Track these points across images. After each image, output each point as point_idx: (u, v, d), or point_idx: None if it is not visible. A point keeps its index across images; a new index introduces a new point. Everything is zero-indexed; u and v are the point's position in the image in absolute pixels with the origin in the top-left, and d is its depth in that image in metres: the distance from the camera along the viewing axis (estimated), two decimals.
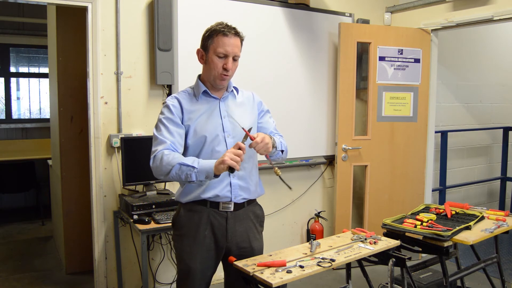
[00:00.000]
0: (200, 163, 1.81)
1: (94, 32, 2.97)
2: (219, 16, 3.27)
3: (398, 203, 3.94)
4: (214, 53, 1.93)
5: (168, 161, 1.82)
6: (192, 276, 1.96)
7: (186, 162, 1.80)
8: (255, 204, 2.11)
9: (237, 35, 1.95)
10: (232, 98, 2.07)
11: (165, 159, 1.83)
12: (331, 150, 3.97)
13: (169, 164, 1.82)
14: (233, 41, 1.93)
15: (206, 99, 2.01)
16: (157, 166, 1.86)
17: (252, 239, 2.05)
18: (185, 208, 2.01)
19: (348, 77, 3.79)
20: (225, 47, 1.91)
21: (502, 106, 5.42)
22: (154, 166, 1.88)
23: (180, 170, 1.81)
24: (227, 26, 1.94)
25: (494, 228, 2.42)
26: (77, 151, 3.61)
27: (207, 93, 2.01)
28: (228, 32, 1.92)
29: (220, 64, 1.93)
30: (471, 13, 3.57)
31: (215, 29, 1.93)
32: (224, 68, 1.93)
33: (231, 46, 1.92)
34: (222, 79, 1.96)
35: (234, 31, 1.94)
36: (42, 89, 6.18)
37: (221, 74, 1.94)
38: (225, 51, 1.91)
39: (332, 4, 3.94)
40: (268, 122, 2.16)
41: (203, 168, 1.79)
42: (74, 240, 3.67)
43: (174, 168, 1.81)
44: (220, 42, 1.91)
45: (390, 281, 2.17)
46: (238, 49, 1.96)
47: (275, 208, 3.82)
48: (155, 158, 1.87)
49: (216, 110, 2.00)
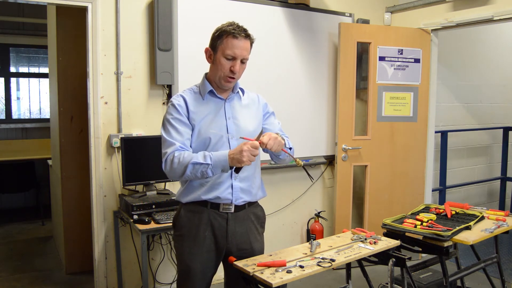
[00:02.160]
0: (213, 158, 1.80)
1: (94, 32, 2.97)
2: (219, 16, 3.27)
3: (398, 203, 3.94)
4: (222, 54, 1.90)
5: (180, 163, 1.82)
6: (192, 277, 1.96)
7: (199, 161, 1.80)
8: (256, 206, 2.10)
9: (247, 38, 1.92)
10: (237, 100, 2.05)
11: (176, 162, 1.83)
12: (331, 150, 3.97)
13: (182, 166, 1.81)
14: (243, 44, 1.90)
15: (212, 99, 2.00)
16: (170, 170, 1.86)
17: (253, 240, 2.04)
18: (186, 209, 2.00)
19: (348, 77, 3.79)
20: (233, 50, 1.88)
21: (502, 106, 5.42)
22: (167, 170, 1.88)
23: (194, 169, 1.80)
24: (238, 28, 1.91)
25: (494, 228, 2.42)
26: (77, 151, 3.61)
27: (213, 93, 1.99)
28: (238, 34, 1.89)
29: (228, 66, 1.91)
30: (471, 13, 3.57)
31: (225, 30, 1.90)
32: (231, 70, 1.91)
33: (240, 49, 1.89)
34: (228, 81, 1.95)
35: (244, 33, 1.91)
36: (42, 89, 6.18)
37: (227, 76, 1.92)
38: (234, 53, 1.89)
39: (332, 4, 3.94)
40: (273, 124, 2.14)
41: (217, 163, 1.79)
42: (74, 240, 3.67)
43: (188, 169, 1.80)
44: (229, 44, 1.88)
45: (390, 281, 2.17)
46: (247, 52, 1.93)
47: (275, 208, 3.82)
48: (167, 161, 1.87)
49: (221, 110, 1.99)
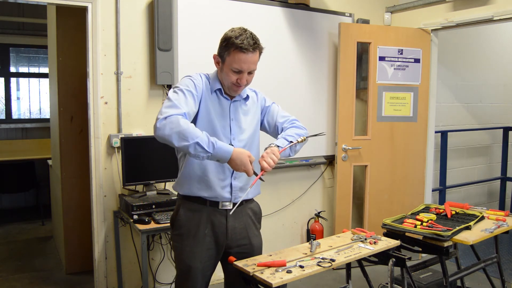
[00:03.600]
0: (215, 149, 1.70)
1: (94, 32, 2.97)
2: (219, 16, 3.29)
3: (398, 203, 3.94)
4: (229, 66, 1.87)
5: (185, 133, 1.66)
6: (193, 276, 1.96)
7: (202, 144, 1.68)
8: (252, 201, 2.11)
9: (256, 49, 1.85)
10: (242, 103, 2.03)
11: (181, 130, 1.66)
12: (331, 150, 3.97)
13: (185, 138, 1.66)
14: (250, 58, 1.84)
15: (220, 97, 1.98)
16: (167, 130, 1.67)
17: (251, 235, 2.05)
18: (185, 208, 2.00)
19: (348, 77, 3.79)
20: (240, 64, 1.83)
21: (502, 106, 5.42)
22: (161, 131, 1.68)
23: (193, 148, 1.67)
24: (247, 40, 1.82)
25: (494, 228, 2.42)
26: (77, 151, 3.61)
27: (220, 91, 1.98)
28: (246, 49, 1.81)
29: (234, 78, 1.88)
30: (471, 13, 3.57)
31: (233, 43, 1.82)
32: (238, 82, 1.89)
33: (247, 64, 1.84)
34: (235, 91, 1.94)
35: (252, 47, 1.82)
36: (42, 89, 6.18)
37: (234, 85, 1.90)
38: (241, 67, 1.84)
39: (332, 4, 3.94)
40: (274, 113, 2.09)
41: (218, 155, 1.72)
42: (74, 240, 3.67)
43: (190, 146, 1.67)
44: (236, 58, 1.83)
45: (390, 281, 2.17)
46: (255, 64, 1.88)
47: (275, 208, 3.82)
48: (167, 121, 1.67)
49: (226, 110, 1.97)
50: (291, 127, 2.05)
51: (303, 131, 2.05)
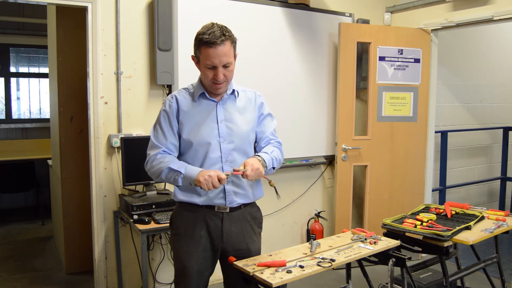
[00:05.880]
0: (186, 170, 1.83)
1: (94, 32, 2.97)
2: (219, 16, 3.28)
3: (398, 203, 3.94)
4: (203, 63, 1.84)
5: (159, 165, 1.87)
6: (189, 276, 1.96)
7: (173, 167, 1.84)
8: (253, 206, 2.07)
9: (226, 41, 1.79)
10: (231, 102, 1.99)
11: (155, 164, 1.89)
12: (331, 150, 3.97)
13: (160, 168, 1.87)
14: (220, 51, 1.78)
15: (204, 102, 1.95)
16: (149, 170, 1.93)
17: (249, 240, 2.02)
18: (182, 208, 2.00)
19: (348, 77, 3.79)
20: (211, 59, 1.79)
21: (502, 106, 5.42)
22: (147, 169, 1.95)
23: (169, 174, 1.86)
24: (213, 34, 1.77)
25: (494, 228, 2.42)
26: (77, 151, 3.61)
27: (204, 95, 1.95)
28: (213, 43, 1.76)
29: (210, 74, 1.84)
30: (471, 13, 3.57)
31: (200, 39, 1.80)
32: (215, 78, 1.85)
33: (218, 57, 1.79)
34: (216, 88, 1.90)
35: (220, 39, 1.77)
36: (42, 89, 6.18)
37: (213, 83, 1.87)
38: (212, 63, 1.80)
39: (332, 4, 3.94)
40: (266, 126, 2.05)
41: (188, 175, 1.81)
42: (74, 240, 3.67)
43: (164, 172, 1.86)
44: (206, 54, 1.79)
45: (390, 281, 2.17)
46: (228, 56, 1.81)
47: (275, 208, 3.82)
48: (148, 162, 1.93)
49: (212, 114, 1.94)
50: (275, 148, 2.01)
51: (281, 159, 2.03)
